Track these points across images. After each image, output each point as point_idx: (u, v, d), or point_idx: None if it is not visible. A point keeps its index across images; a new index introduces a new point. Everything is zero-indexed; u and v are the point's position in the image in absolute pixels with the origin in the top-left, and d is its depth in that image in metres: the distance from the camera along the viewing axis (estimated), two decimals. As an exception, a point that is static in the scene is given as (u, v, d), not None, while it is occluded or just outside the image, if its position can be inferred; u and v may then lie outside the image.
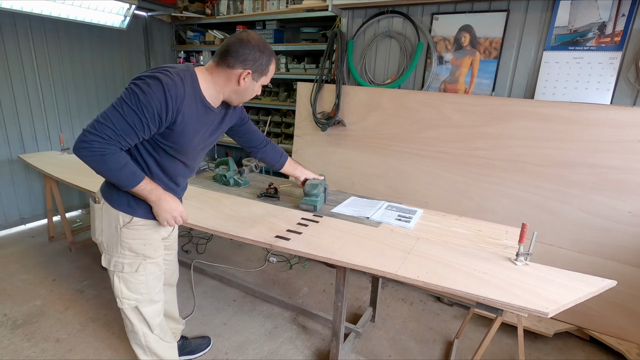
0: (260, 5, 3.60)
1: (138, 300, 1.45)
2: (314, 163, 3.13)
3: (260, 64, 1.28)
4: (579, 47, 2.21)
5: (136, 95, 1.13)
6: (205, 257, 3.01)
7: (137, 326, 1.51)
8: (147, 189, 1.28)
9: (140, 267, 1.41)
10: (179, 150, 1.31)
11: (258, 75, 1.31)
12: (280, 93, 3.91)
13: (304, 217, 1.82)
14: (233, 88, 1.31)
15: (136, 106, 1.13)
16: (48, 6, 3.00)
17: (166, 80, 1.15)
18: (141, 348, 1.56)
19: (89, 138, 1.13)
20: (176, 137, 1.26)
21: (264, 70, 1.31)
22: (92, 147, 1.13)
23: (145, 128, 1.17)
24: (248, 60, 1.25)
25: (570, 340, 2.23)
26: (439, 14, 2.59)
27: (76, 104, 3.67)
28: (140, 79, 1.16)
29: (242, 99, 1.38)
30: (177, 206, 1.38)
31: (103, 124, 1.14)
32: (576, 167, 2.16)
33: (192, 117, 1.26)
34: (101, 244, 1.41)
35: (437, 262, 1.39)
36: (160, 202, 1.32)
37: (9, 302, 2.35)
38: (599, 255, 2.15)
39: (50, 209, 3.13)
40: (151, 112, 1.14)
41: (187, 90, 1.21)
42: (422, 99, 2.60)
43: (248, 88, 1.32)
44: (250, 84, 1.31)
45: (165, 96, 1.14)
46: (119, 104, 1.15)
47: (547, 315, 1.10)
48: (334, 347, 1.82)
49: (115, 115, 1.14)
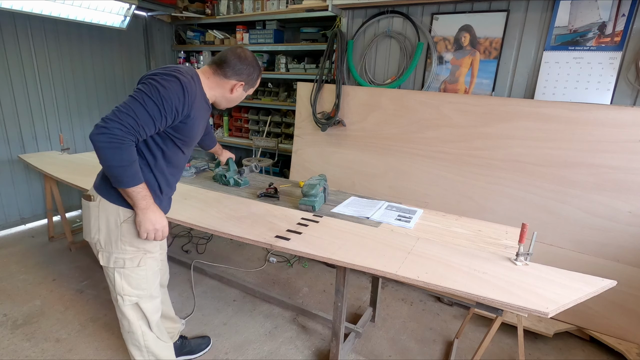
0: (260, 5, 3.60)
1: (139, 296, 1.46)
2: (314, 163, 3.13)
3: (252, 78, 1.49)
4: (579, 47, 2.21)
5: (157, 89, 1.21)
6: (205, 257, 3.01)
7: (136, 325, 1.50)
8: (142, 193, 1.29)
9: (142, 262, 1.43)
10: (186, 141, 1.41)
11: (248, 87, 1.51)
12: (280, 93, 3.92)
13: (304, 217, 1.82)
14: (225, 95, 1.48)
15: (157, 98, 1.20)
16: (48, 6, 3.01)
17: (183, 79, 1.26)
18: (139, 349, 1.55)
19: (110, 125, 1.15)
20: (188, 130, 1.36)
21: (254, 83, 1.53)
22: (114, 134, 1.15)
23: (162, 120, 1.24)
24: (243, 74, 1.44)
25: (570, 340, 2.23)
26: (439, 14, 2.59)
27: (76, 104, 3.67)
28: (157, 75, 1.25)
29: (230, 104, 1.54)
30: (163, 220, 1.37)
31: (125, 113, 1.18)
32: (576, 167, 2.16)
33: (200, 112, 1.38)
34: (97, 242, 1.40)
35: (437, 262, 1.39)
36: (148, 211, 1.31)
37: (9, 302, 2.35)
38: (599, 255, 2.14)
39: (50, 209, 3.13)
40: (170, 105, 1.23)
41: (197, 89, 1.34)
42: (422, 99, 2.61)
43: (238, 97, 1.51)
44: (240, 93, 1.50)
45: (183, 92, 1.25)
46: (139, 96, 1.20)
47: (547, 315, 1.10)
48: (334, 347, 1.82)
49: (136, 105, 1.19)
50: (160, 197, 1.45)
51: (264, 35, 3.73)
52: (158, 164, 1.38)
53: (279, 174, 3.98)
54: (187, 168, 2.46)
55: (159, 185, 1.42)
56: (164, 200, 1.49)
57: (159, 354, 1.59)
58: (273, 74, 3.78)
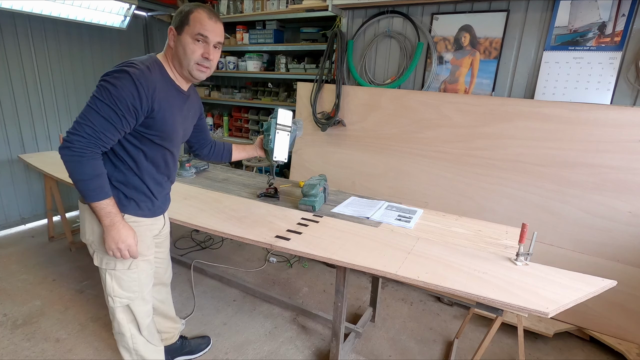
0: (260, 5, 3.60)
1: (130, 299, 1.44)
2: (314, 163, 3.13)
3: (180, 18, 1.26)
4: (579, 47, 2.21)
5: (107, 90, 1.16)
6: (205, 257, 3.01)
7: (125, 327, 1.49)
8: (106, 210, 1.24)
9: (133, 265, 1.40)
10: (164, 137, 1.34)
11: (180, 29, 1.26)
12: (280, 93, 3.91)
13: (304, 217, 1.82)
14: (170, 55, 1.31)
15: (109, 100, 1.16)
16: (48, 6, 3.01)
17: (133, 71, 1.18)
18: (128, 351, 1.54)
19: (70, 139, 1.16)
20: (159, 125, 1.29)
21: (185, 20, 1.26)
22: (73, 147, 1.15)
23: (122, 120, 1.19)
24: (175, 21, 1.28)
25: (570, 340, 2.23)
26: (439, 14, 2.59)
27: (76, 104, 3.67)
28: (108, 75, 1.19)
29: (186, 64, 1.29)
30: (128, 239, 1.30)
31: (81, 123, 1.17)
32: (576, 167, 2.16)
33: (167, 103, 1.29)
34: (92, 243, 1.39)
35: (437, 262, 1.39)
36: (111, 229, 1.26)
37: (9, 302, 2.35)
38: (599, 255, 2.14)
39: (50, 209, 3.13)
40: (124, 104, 1.17)
41: (156, 77, 1.25)
42: (422, 99, 2.60)
43: (179, 47, 1.27)
44: (178, 41, 1.28)
45: (136, 86, 1.18)
46: (92, 102, 1.17)
47: (547, 315, 1.10)
48: (334, 347, 1.82)
49: (90, 113, 1.17)
50: (152, 199, 1.42)
51: (264, 35, 3.73)
52: (141, 166, 1.33)
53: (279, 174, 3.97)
54: (187, 168, 2.46)
55: (148, 188, 1.39)
56: (158, 200, 1.46)
57: (147, 357, 1.57)
58: (273, 74, 3.78)
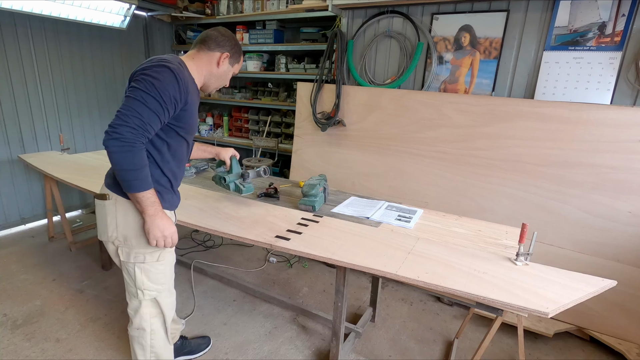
0: (260, 5, 3.60)
1: (159, 291, 1.48)
2: (314, 163, 3.13)
3: (235, 50, 1.47)
4: (579, 47, 2.21)
5: (152, 84, 1.20)
6: (205, 257, 3.01)
7: (147, 322, 1.51)
8: (151, 199, 1.29)
9: (161, 257, 1.44)
10: (188, 130, 1.41)
11: (233, 61, 1.49)
12: (280, 93, 3.91)
13: (304, 217, 1.82)
14: (212, 71, 1.45)
15: (155, 93, 1.20)
16: (48, 6, 3.00)
17: (173, 67, 1.26)
18: (143, 348, 1.55)
19: (120, 130, 1.17)
20: (188, 117, 1.37)
21: (238, 58, 1.51)
22: (124, 138, 1.17)
23: (165, 112, 1.25)
24: (226, 45, 1.44)
25: (570, 340, 2.23)
26: (439, 14, 2.59)
27: (76, 104, 3.67)
28: (147, 69, 1.24)
29: (219, 83, 1.51)
30: (171, 227, 1.36)
31: (129, 115, 1.18)
32: (576, 167, 2.16)
33: (194, 97, 1.38)
34: (116, 239, 1.40)
35: (437, 262, 1.39)
36: (156, 218, 1.30)
37: (9, 302, 2.35)
38: (599, 255, 2.14)
39: (50, 209, 3.13)
40: (168, 96, 1.23)
41: (187, 74, 1.34)
42: (422, 99, 2.60)
43: (225, 71, 1.48)
44: (227, 67, 1.48)
45: (177, 80, 1.25)
46: (138, 95, 1.20)
47: (547, 315, 1.10)
48: (334, 347, 1.82)
49: (138, 105, 1.19)
50: (171, 191, 1.46)
51: (264, 35, 3.73)
52: (164, 157, 1.38)
53: (279, 174, 3.97)
54: (187, 168, 2.46)
55: (169, 180, 1.43)
56: (175, 193, 1.51)
57: (162, 355, 1.59)
58: (273, 74, 3.78)
